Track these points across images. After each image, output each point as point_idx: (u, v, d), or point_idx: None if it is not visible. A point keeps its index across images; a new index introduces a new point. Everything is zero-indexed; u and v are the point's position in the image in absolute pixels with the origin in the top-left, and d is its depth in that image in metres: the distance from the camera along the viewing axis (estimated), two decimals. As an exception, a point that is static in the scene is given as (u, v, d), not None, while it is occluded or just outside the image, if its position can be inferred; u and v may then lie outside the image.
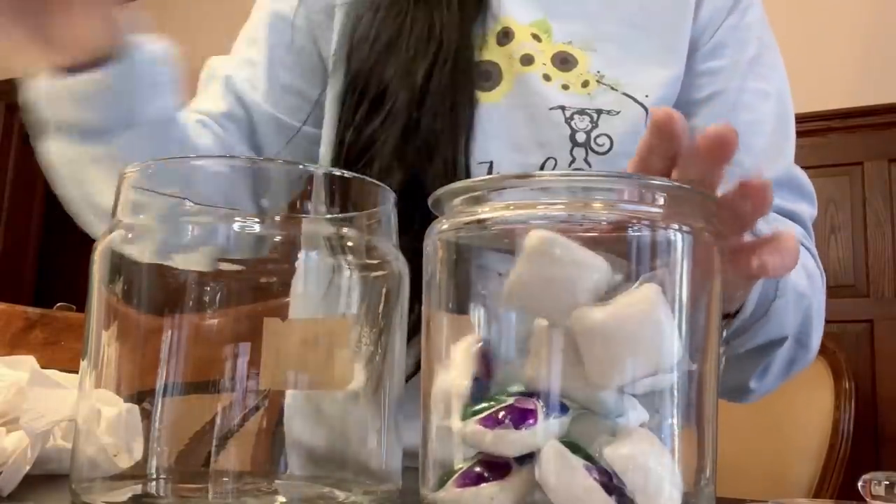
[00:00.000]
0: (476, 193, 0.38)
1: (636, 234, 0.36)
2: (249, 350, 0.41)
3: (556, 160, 0.72)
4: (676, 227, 0.36)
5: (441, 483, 0.37)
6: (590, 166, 0.71)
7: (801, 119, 0.80)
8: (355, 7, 0.78)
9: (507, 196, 0.38)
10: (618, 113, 0.73)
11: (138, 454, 0.42)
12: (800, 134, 0.81)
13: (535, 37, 0.77)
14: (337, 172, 0.45)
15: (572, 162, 0.71)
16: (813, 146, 2.29)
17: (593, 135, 0.71)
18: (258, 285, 0.42)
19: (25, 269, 4.07)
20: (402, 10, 0.75)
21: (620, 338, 0.35)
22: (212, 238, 0.40)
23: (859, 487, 0.48)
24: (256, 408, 0.43)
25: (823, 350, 1.75)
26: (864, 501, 0.47)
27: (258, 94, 0.82)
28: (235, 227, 0.41)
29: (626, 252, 0.36)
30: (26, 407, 0.51)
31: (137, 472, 0.41)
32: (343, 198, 0.44)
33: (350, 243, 0.44)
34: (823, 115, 2.30)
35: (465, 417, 0.36)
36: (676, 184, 0.37)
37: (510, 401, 0.35)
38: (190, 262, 0.41)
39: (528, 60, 0.75)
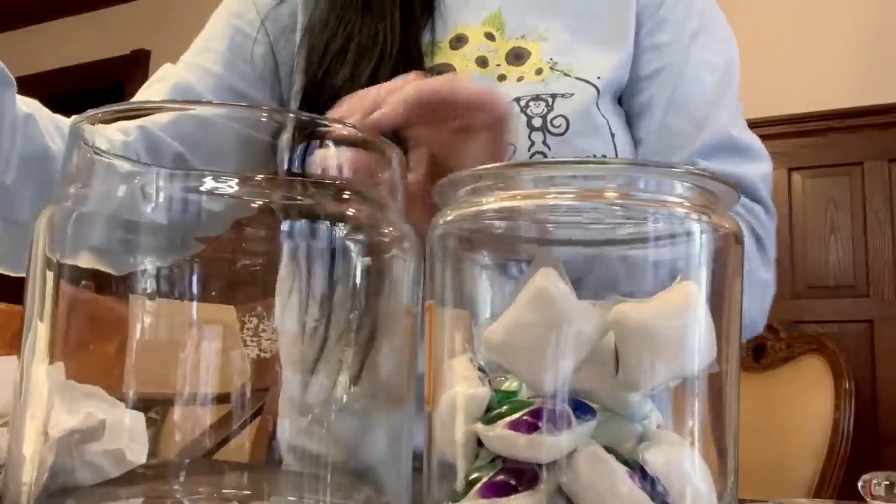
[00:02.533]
0: (481, 183, 0.35)
1: (654, 224, 0.34)
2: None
3: (514, 147, 0.73)
4: (696, 217, 0.33)
5: (460, 493, 0.33)
6: (549, 148, 0.73)
7: (801, 119, 0.80)
8: (310, 22, 0.81)
9: (515, 185, 0.34)
10: (571, 95, 0.75)
11: (140, 459, 0.42)
12: (800, 134, 0.81)
13: (489, 36, 0.80)
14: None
15: (531, 146, 0.73)
16: (813, 146, 2.30)
17: (549, 117, 0.74)
18: (259, 273, 0.41)
19: (26, 270, 4.06)
20: (349, 23, 0.78)
21: (665, 337, 0.32)
22: (186, 209, 0.38)
23: (859, 487, 0.48)
24: (258, 412, 0.43)
25: (823, 350, 1.77)
26: (864, 501, 0.47)
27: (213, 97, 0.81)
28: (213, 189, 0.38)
29: (644, 245, 0.34)
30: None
31: (139, 477, 0.41)
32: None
33: (357, 233, 0.43)
34: (823, 115, 2.30)
35: (488, 422, 0.33)
36: (697, 171, 0.34)
37: (536, 403, 0.32)
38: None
39: (482, 62, 0.78)
